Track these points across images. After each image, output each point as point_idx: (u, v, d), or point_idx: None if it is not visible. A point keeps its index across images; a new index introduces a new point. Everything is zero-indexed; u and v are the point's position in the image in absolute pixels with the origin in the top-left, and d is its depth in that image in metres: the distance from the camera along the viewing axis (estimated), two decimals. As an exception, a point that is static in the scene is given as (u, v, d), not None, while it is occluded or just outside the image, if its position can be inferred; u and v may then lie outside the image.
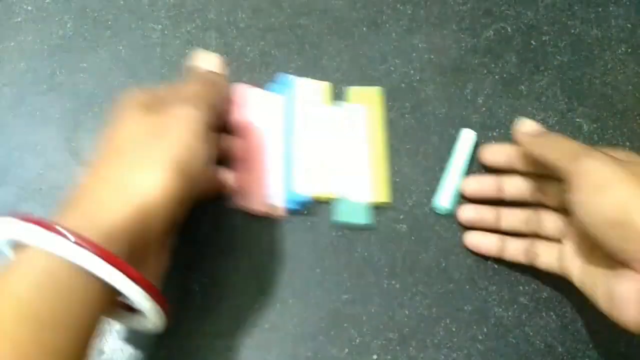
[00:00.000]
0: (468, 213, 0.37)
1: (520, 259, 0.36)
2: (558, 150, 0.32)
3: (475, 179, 0.38)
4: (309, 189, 0.38)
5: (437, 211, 0.38)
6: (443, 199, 0.38)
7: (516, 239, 0.36)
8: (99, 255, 0.24)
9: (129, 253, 0.26)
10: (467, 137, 0.40)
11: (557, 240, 0.35)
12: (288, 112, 0.40)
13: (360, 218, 0.38)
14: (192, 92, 0.32)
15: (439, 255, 0.37)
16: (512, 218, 0.37)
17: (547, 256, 0.35)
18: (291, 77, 0.41)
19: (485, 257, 0.37)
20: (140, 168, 0.27)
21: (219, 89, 0.35)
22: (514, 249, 0.36)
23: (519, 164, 0.36)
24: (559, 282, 0.34)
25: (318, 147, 0.39)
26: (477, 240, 0.37)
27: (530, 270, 0.36)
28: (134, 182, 0.27)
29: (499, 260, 0.37)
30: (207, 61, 0.37)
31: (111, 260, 0.24)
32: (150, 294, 0.27)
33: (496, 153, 0.38)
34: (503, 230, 0.37)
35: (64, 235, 0.24)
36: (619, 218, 0.28)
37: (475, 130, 0.40)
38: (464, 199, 0.38)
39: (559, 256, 0.34)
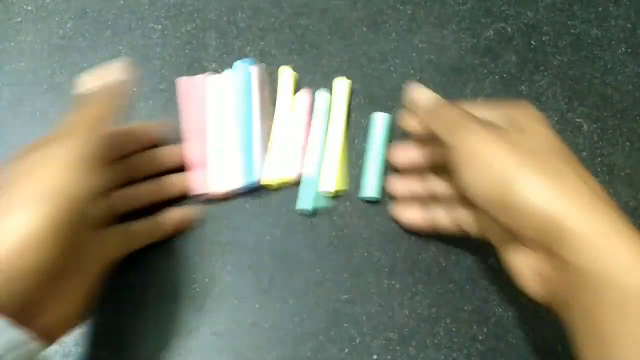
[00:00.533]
0: (399, 187, 0.37)
1: (451, 229, 0.35)
2: (441, 123, 0.31)
3: (402, 149, 0.37)
4: (268, 173, 0.38)
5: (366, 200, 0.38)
6: (369, 189, 0.38)
7: (442, 208, 0.35)
8: None
9: (10, 304, 0.24)
10: (380, 120, 0.40)
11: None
12: (246, 96, 0.39)
13: (318, 203, 0.38)
14: (68, 123, 0.30)
15: (439, 255, 0.37)
16: (437, 184, 0.35)
17: (467, 223, 0.34)
18: (249, 62, 0.40)
19: (485, 257, 0.37)
20: (8, 209, 0.25)
21: (101, 110, 0.31)
22: (443, 218, 0.35)
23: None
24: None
25: (279, 132, 0.39)
26: (409, 215, 0.36)
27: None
28: (3, 224, 0.25)
29: (499, 261, 0.37)
30: (94, 80, 0.33)
31: None
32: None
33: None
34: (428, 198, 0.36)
35: None
36: (499, 196, 0.27)
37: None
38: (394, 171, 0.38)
39: (475, 223, 0.33)
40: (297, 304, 0.36)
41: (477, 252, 0.38)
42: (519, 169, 0.27)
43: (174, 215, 0.36)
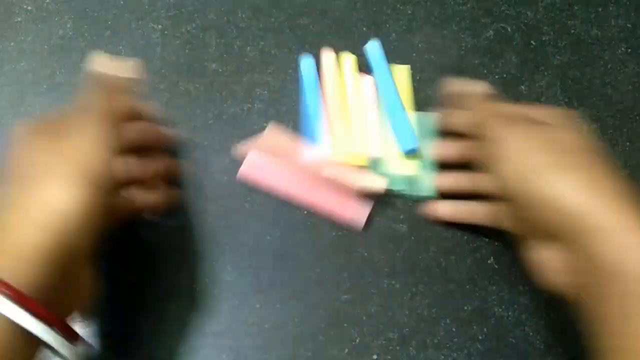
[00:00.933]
0: (446, 181, 0.38)
1: (487, 221, 0.36)
2: (487, 116, 0.33)
3: (444, 145, 0.38)
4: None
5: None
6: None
7: (477, 200, 0.36)
8: (4, 293, 0.23)
9: (50, 277, 0.25)
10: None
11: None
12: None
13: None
14: (86, 103, 0.31)
15: (439, 255, 0.37)
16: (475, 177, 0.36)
17: (499, 216, 0.34)
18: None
19: (485, 257, 0.37)
20: (44, 188, 0.26)
21: (119, 98, 0.33)
22: (482, 212, 0.36)
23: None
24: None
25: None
26: (449, 209, 0.37)
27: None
28: (44, 202, 0.26)
29: (499, 260, 0.37)
30: (108, 67, 0.34)
31: (18, 297, 0.24)
32: (59, 328, 0.26)
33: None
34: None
35: None
36: (531, 190, 0.29)
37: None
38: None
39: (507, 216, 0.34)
40: (297, 304, 0.36)
41: (477, 252, 0.38)
42: (550, 165, 0.29)
43: (167, 164, 0.36)
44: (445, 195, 0.38)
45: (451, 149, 0.38)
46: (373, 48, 0.41)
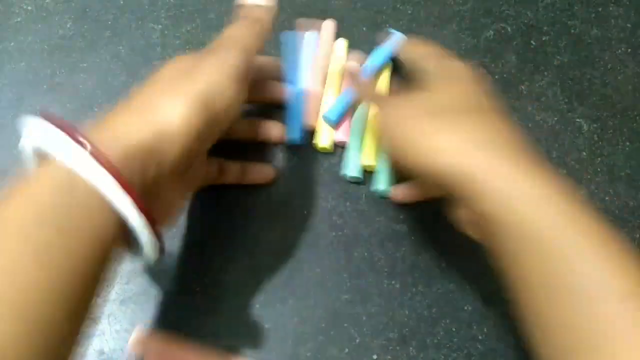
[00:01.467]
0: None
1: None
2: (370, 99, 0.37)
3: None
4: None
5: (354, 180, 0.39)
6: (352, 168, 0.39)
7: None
8: (110, 172, 0.24)
9: (141, 174, 0.26)
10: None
11: None
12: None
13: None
14: (229, 35, 0.32)
15: (439, 255, 0.37)
16: None
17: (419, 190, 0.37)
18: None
19: (484, 257, 0.37)
20: (165, 97, 0.28)
21: (258, 29, 0.34)
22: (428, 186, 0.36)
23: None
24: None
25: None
26: (402, 192, 0.38)
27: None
28: (157, 108, 0.27)
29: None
30: None
31: (120, 180, 0.24)
32: (150, 225, 0.26)
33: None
34: None
35: (82, 144, 0.24)
36: (419, 164, 0.29)
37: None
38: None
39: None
40: (297, 304, 0.36)
41: (477, 252, 0.37)
42: (431, 133, 0.29)
43: (260, 169, 0.39)
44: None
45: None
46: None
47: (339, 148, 0.40)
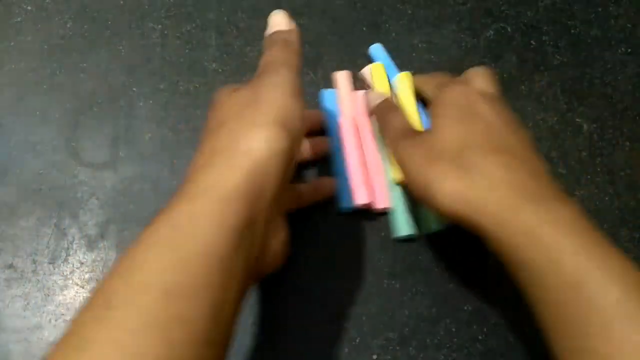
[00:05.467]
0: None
1: None
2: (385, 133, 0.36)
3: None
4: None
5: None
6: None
7: None
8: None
9: (247, 219, 0.26)
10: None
11: None
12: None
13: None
14: (269, 62, 0.32)
15: (439, 255, 0.37)
16: None
17: None
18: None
19: (485, 257, 0.37)
20: (243, 134, 0.27)
21: (292, 49, 0.34)
22: None
23: None
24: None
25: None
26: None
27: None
28: (240, 147, 0.27)
29: (500, 260, 0.37)
30: (275, 23, 0.35)
31: None
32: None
33: None
34: None
35: None
36: (423, 198, 0.30)
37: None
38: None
39: None
40: (297, 304, 0.36)
41: (477, 252, 0.38)
42: (435, 173, 0.29)
43: (328, 182, 0.39)
44: None
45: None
46: (377, 51, 0.41)
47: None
